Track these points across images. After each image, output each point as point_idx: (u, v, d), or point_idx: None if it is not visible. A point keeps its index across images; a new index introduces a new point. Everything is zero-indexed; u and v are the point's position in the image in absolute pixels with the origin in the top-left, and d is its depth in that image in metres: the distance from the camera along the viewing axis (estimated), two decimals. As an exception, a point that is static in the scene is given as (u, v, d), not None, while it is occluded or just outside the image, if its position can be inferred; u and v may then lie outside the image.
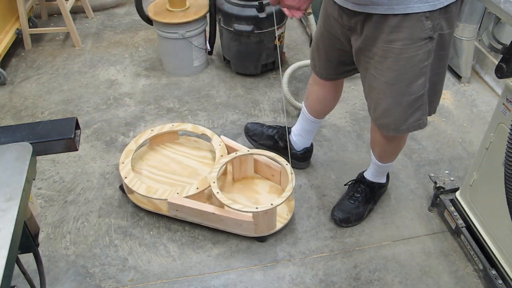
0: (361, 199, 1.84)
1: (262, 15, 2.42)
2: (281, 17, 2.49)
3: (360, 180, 1.89)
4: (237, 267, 1.70)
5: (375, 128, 1.60)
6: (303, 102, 1.93)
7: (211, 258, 1.74)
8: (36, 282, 1.06)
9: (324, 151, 2.19)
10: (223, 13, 2.49)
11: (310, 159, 2.10)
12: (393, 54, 1.33)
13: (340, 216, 1.82)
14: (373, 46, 1.36)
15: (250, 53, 2.58)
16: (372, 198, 1.87)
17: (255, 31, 2.46)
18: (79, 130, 1.01)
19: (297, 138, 2.01)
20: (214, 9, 2.56)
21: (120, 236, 1.82)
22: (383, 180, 1.90)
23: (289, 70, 2.39)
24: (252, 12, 2.43)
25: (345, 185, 1.95)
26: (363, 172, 1.90)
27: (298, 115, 2.05)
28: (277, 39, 2.53)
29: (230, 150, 1.96)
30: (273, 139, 2.09)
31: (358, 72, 1.58)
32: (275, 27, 1.52)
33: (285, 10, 1.35)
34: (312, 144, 2.05)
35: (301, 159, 2.06)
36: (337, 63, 1.64)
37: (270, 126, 2.13)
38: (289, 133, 2.03)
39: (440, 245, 1.78)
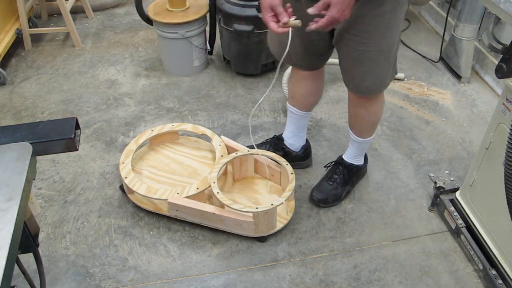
0: (339, 181, 1.91)
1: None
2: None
3: (339, 162, 1.95)
4: (237, 267, 1.70)
5: (357, 100, 1.68)
6: (288, 103, 1.94)
7: (211, 258, 1.74)
8: (36, 282, 1.06)
9: (324, 151, 2.19)
10: (223, 13, 2.49)
11: (311, 155, 2.11)
12: (384, 23, 1.42)
13: (319, 196, 1.89)
14: (361, 24, 1.42)
15: (250, 53, 2.58)
16: (350, 180, 1.93)
17: (255, 31, 2.45)
18: (79, 130, 1.01)
19: (293, 139, 2.02)
20: (214, 9, 2.56)
21: (120, 236, 1.82)
22: (361, 162, 1.96)
23: (289, 70, 2.39)
24: (252, 12, 2.43)
25: (324, 167, 2.01)
26: (342, 155, 1.96)
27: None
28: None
29: (230, 150, 1.96)
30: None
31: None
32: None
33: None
34: (307, 140, 2.07)
35: (304, 158, 2.07)
36: (316, 53, 1.69)
37: (261, 143, 2.11)
38: (282, 140, 2.03)
39: (440, 245, 1.78)
